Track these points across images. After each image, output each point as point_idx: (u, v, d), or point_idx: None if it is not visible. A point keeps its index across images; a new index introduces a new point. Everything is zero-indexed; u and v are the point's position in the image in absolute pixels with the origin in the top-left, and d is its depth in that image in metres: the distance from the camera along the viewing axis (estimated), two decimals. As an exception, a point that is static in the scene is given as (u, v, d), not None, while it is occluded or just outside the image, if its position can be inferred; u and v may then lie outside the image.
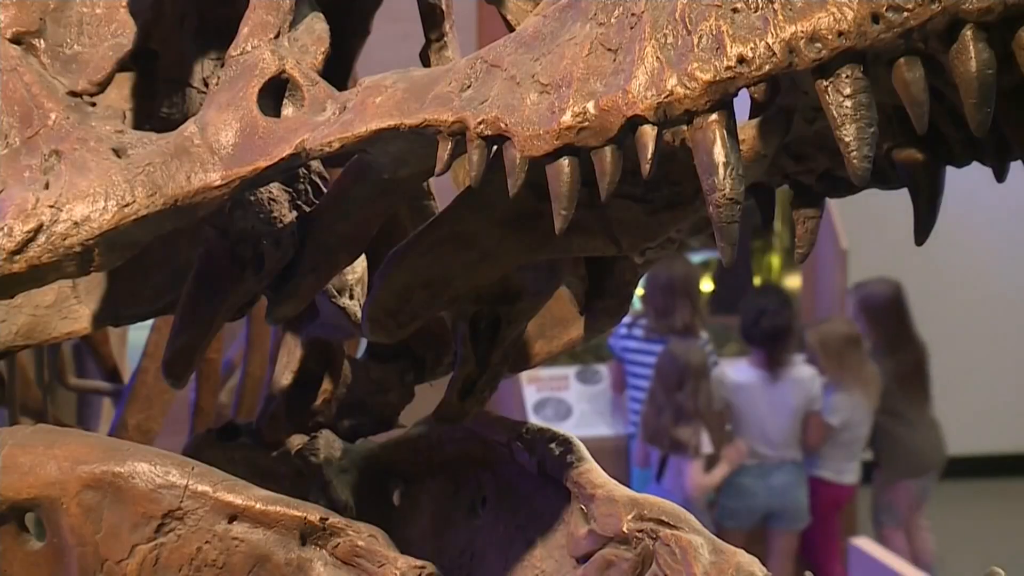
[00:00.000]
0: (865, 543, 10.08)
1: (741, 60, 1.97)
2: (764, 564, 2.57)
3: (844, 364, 10.84)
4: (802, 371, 11.01)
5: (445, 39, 2.84)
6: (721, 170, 2.00)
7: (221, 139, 2.38)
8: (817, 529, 10.99)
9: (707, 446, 10.44)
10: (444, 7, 2.85)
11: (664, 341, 10.99)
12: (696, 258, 12.11)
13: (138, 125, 2.57)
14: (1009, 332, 12.27)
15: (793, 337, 10.79)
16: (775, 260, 11.55)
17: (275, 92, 2.40)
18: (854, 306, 11.43)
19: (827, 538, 11.07)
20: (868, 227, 11.38)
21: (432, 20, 2.84)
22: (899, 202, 2.36)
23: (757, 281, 12.63)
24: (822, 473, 11.01)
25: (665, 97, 2.02)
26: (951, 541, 11.89)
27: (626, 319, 6.04)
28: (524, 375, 10.82)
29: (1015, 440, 13.02)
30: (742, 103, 2.14)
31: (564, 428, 2.93)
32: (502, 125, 2.15)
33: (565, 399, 12.19)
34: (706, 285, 11.39)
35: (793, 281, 11.75)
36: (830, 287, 11.72)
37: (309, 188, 2.69)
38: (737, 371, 10.88)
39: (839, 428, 10.97)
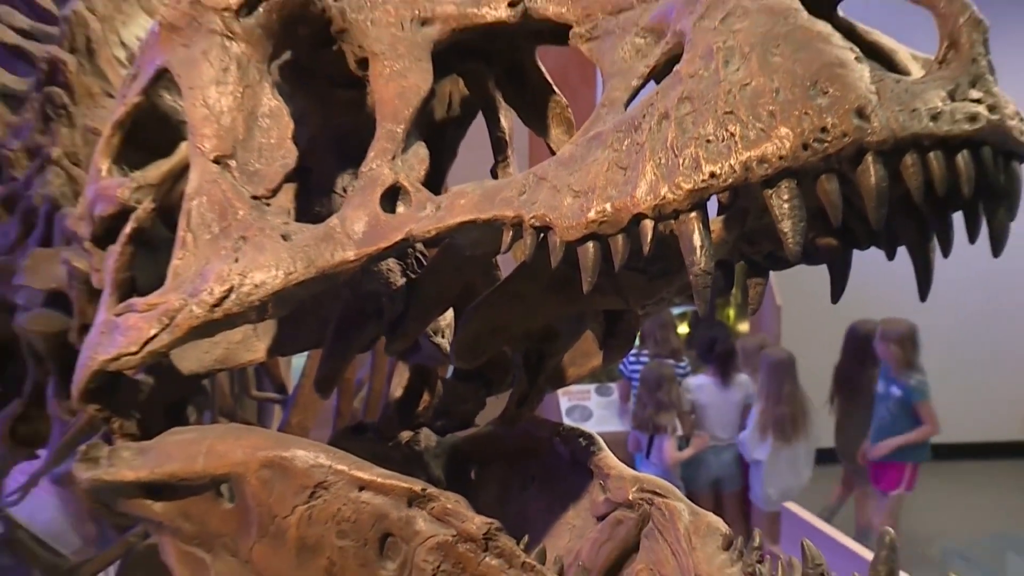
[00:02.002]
0: (796, 507, 10.39)
1: (712, 175, 2.22)
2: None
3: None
4: (741, 378, 12.22)
5: (508, 160, 3.08)
6: (698, 251, 2.25)
7: (355, 228, 2.62)
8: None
9: (679, 429, 11.82)
10: (507, 139, 3.06)
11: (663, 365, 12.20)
12: (677, 310, 13.08)
13: (299, 218, 2.78)
14: (928, 354, 12.30)
15: (736, 357, 11.96)
16: (731, 312, 12.25)
17: (392, 196, 2.62)
18: (763, 365, 11.90)
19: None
20: (796, 290, 11.60)
21: (499, 147, 3.07)
22: (819, 272, 2.55)
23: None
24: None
25: (660, 201, 2.26)
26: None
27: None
28: (560, 390, 11.47)
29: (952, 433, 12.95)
30: (712, 204, 2.30)
31: (587, 427, 3.18)
32: (547, 219, 2.38)
33: (588, 406, 13.07)
34: (683, 329, 12.37)
35: (743, 327, 12.41)
36: (768, 331, 12.29)
37: (415, 262, 2.93)
38: (698, 381, 12.19)
39: None
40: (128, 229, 3.02)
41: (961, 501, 12.45)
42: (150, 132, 3.12)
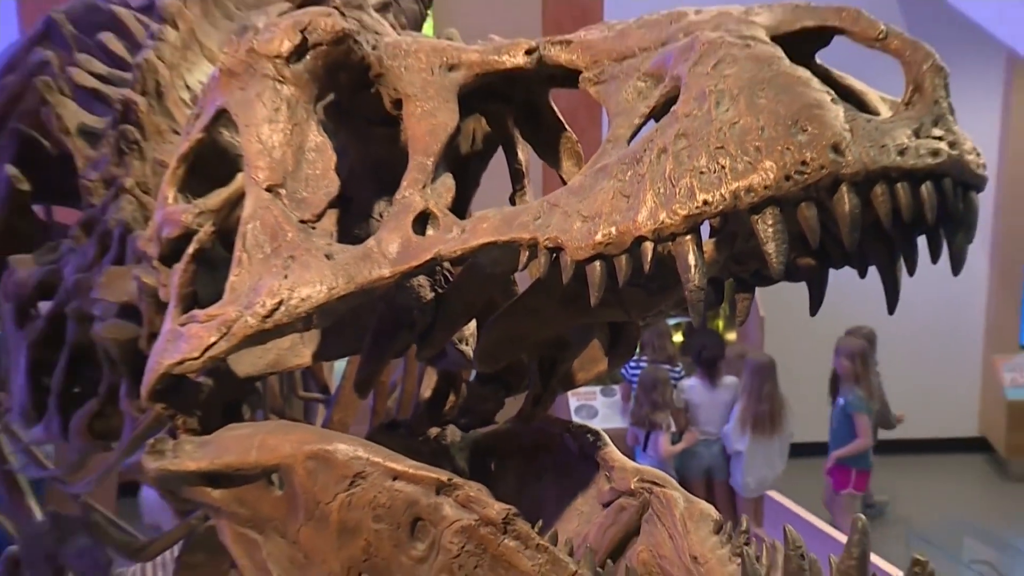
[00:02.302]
0: (777, 495, 10.42)
1: (705, 203, 2.24)
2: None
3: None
4: (729, 380, 12.21)
5: (524, 189, 3.10)
6: (693, 269, 2.27)
7: (390, 249, 2.64)
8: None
9: (672, 426, 11.95)
10: (524, 170, 3.09)
11: (658, 369, 12.33)
12: (672, 321, 13.07)
13: (340, 240, 2.79)
14: (891, 356, 12.32)
15: (723, 362, 12.01)
16: (721, 323, 12.28)
17: (422, 221, 2.64)
18: (747, 367, 11.96)
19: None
20: (778, 303, 11.63)
21: (516, 177, 3.11)
22: (798, 288, 2.58)
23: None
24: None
25: (659, 225, 2.28)
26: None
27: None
28: (569, 392, 11.53)
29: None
30: (705, 228, 2.35)
31: (593, 424, 3.18)
32: (559, 241, 2.40)
33: (594, 405, 13.20)
34: (678, 337, 12.41)
35: (731, 336, 12.44)
36: (752, 340, 12.30)
37: (442, 278, 2.94)
38: (690, 383, 12.23)
39: None
40: (191, 249, 3.03)
41: (922, 491, 12.43)
42: (211, 164, 3.14)
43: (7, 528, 5.84)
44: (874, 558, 2.53)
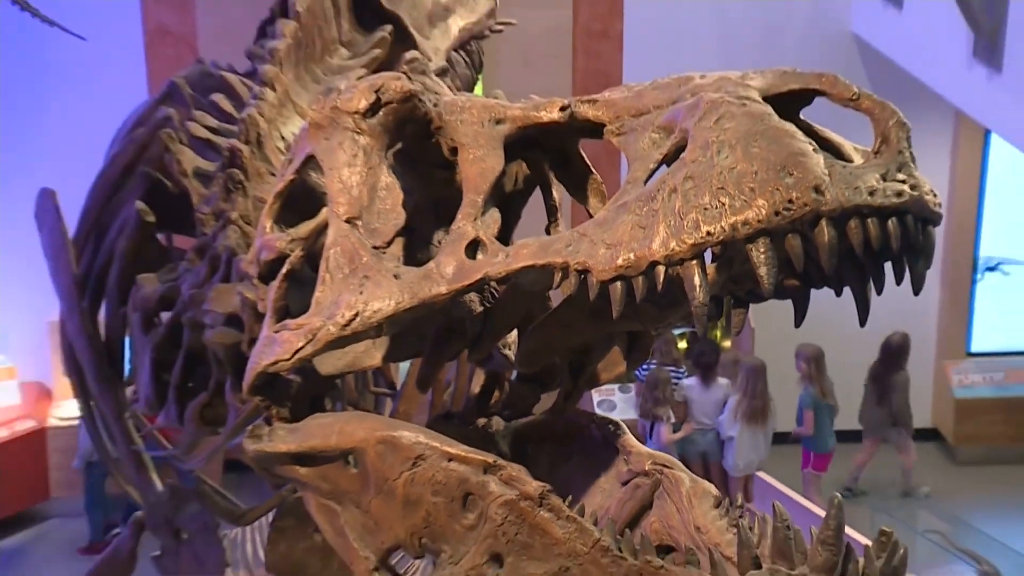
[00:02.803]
0: (765, 475, 10.39)
1: (709, 233, 2.26)
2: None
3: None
4: (722, 381, 12.05)
5: (557, 221, 3.10)
6: (698, 289, 2.30)
7: (446, 270, 2.64)
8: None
9: (672, 418, 11.84)
10: (557, 206, 3.10)
11: (665, 369, 12.20)
12: (678, 331, 12.94)
13: (405, 263, 2.80)
14: (856, 359, 12.24)
15: (715, 366, 11.94)
16: (719, 333, 12.21)
17: (473, 247, 2.64)
18: (741, 369, 11.90)
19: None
20: (767, 317, 11.54)
21: (551, 212, 3.10)
22: (784, 304, 2.58)
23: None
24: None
25: (670, 252, 2.30)
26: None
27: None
28: (593, 389, 11.58)
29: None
30: (708, 254, 2.35)
31: (612, 415, 3.22)
32: (587, 265, 2.41)
33: (613, 400, 12.96)
34: (682, 344, 12.37)
35: (727, 344, 12.35)
36: (744, 348, 12.24)
37: (489, 295, 2.92)
38: (689, 382, 12.03)
39: None
40: (284, 270, 3.04)
41: (885, 472, 12.35)
42: (301, 200, 3.15)
43: (134, 497, 5.86)
44: (847, 529, 2.51)
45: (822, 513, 2.48)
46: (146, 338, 4.61)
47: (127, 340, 5.03)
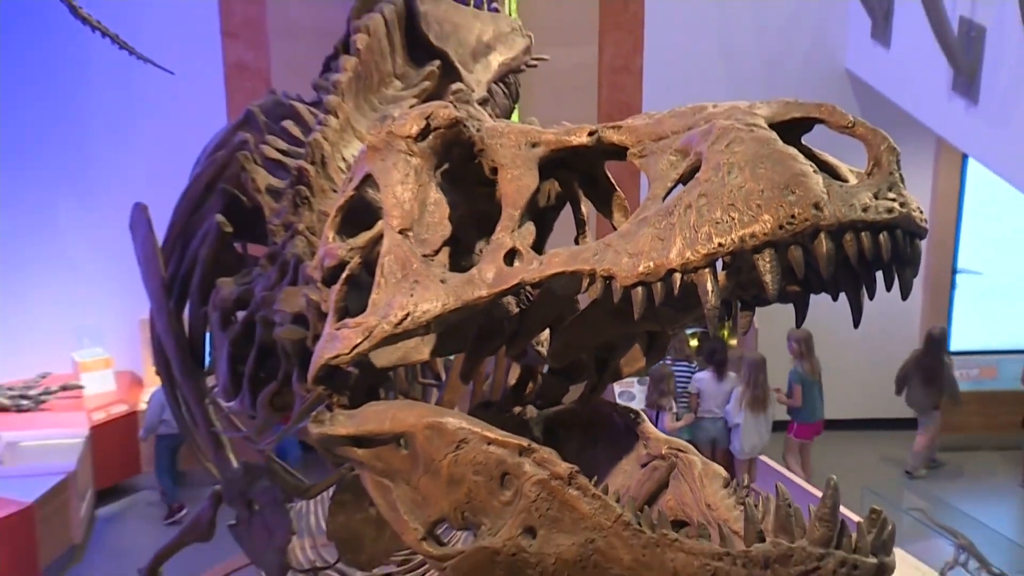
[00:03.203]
0: (767, 459, 10.32)
1: (720, 245, 2.26)
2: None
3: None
4: (731, 375, 11.88)
5: (585, 233, 3.11)
6: (710, 293, 2.29)
7: (487, 276, 2.65)
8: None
9: (674, 407, 11.75)
10: (585, 220, 3.10)
11: (678, 364, 12.16)
12: (690, 330, 12.76)
13: (451, 270, 2.81)
14: (848, 355, 12.11)
15: (727, 362, 11.71)
16: (726, 332, 12.01)
17: (511, 256, 2.64)
18: (744, 363, 11.76)
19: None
20: (769, 318, 11.43)
21: (579, 225, 3.11)
22: (785, 307, 2.55)
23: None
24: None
25: (685, 261, 2.30)
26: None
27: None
28: (615, 382, 11.47)
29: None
30: (718, 263, 2.33)
31: (632, 405, 3.21)
32: (611, 272, 2.41)
33: (632, 391, 12.68)
34: (694, 342, 12.18)
35: (733, 342, 12.17)
36: (748, 345, 12.07)
37: (525, 298, 2.89)
38: (702, 375, 11.82)
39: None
40: (344, 275, 3.04)
41: (874, 456, 12.28)
42: (359, 214, 3.15)
43: (213, 473, 5.88)
44: (841, 508, 2.49)
45: (819, 493, 2.45)
46: (224, 334, 4.61)
47: (207, 336, 5.04)
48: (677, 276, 2.35)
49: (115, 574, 9.69)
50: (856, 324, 2.47)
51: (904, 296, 2.47)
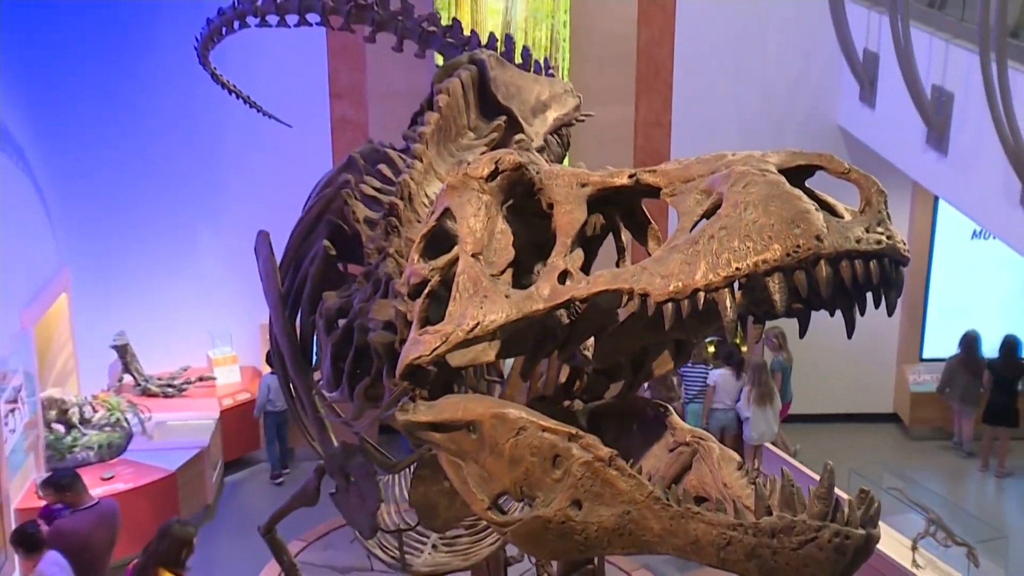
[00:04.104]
0: (772, 447, 10.12)
1: (737, 268, 2.26)
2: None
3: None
4: (744, 375, 11.18)
5: (625, 257, 3.02)
6: (728, 309, 2.29)
7: (544, 292, 2.64)
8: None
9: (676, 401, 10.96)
10: (625, 247, 3.04)
11: (696, 367, 11.36)
12: (708, 339, 12.35)
13: (514, 287, 2.78)
14: (835, 362, 11.87)
15: (744, 364, 11.04)
16: (739, 340, 11.54)
17: (563, 276, 2.62)
18: (750, 367, 11.36)
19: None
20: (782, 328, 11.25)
21: (620, 251, 3.05)
22: (791, 321, 2.45)
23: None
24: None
25: (708, 282, 2.30)
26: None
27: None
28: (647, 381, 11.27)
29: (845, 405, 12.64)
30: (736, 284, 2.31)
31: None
32: (646, 290, 2.40)
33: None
34: (711, 348, 11.62)
35: (744, 349, 11.74)
36: (755, 352, 11.65)
37: (574, 311, 2.84)
38: (719, 372, 11.09)
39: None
40: (426, 290, 3.02)
41: (858, 444, 12.08)
42: (439, 240, 3.12)
43: (317, 450, 5.90)
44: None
45: (816, 476, 2.41)
46: (328, 337, 4.64)
47: (315, 338, 5.06)
48: (701, 295, 2.33)
49: (240, 529, 9.75)
50: (849, 335, 2.42)
51: (889, 313, 2.43)
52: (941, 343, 12.40)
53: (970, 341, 11.84)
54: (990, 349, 11.83)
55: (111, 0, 10.61)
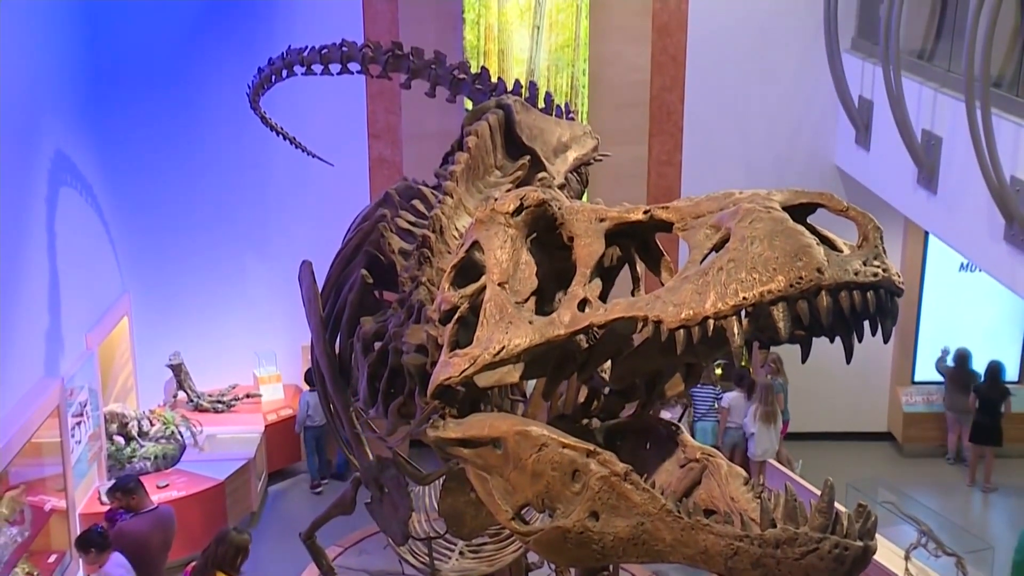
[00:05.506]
0: (775, 463, 9.97)
1: (744, 299, 2.25)
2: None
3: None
4: (753, 396, 10.98)
5: (640, 287, 3.01)
6: (736, 335, 2.28)
7: (564, 319, 2.62)
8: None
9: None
10: (640, 277, 3.02)
11: (705, 388, 11.03)
12: (716, 362, 12.15)
13: (537, 313, 2.78)
14: (833, 385, 11.72)
15: (755, 386, 10.75)
16: (745, 362, 11.37)
17: (582, 304, 2.61)
18: (758, 388, 11.16)
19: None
20: (780, 354, 11.11)
21: (635, 281, 3.03)
22: (791, 347, 2.45)
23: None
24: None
25: (717, 310, 2.28)
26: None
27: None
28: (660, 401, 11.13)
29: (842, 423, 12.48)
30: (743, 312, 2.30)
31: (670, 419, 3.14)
32: (659, 317, 2.39)
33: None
34: (718, 371, 11.34)
35: (752, 371, 11.53)
36: (760, 375, 11.45)
37: (592, 336, 2.79)
38: (731, 395, 10.84)
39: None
40: (456, 316, 3.01)
41: (854, 461, 11.95)
42: (468, 270, 3.11)
43: (354, 463, 5.90)
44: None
45: (817, 491, 2.39)
46: (364, 359, 4.64)
47: (352, 360, 5.06)
48: (711, 322, 2.31)
49: (282, 535, 9.72)
50: (848, 361, 2.42)
51: (885, 340, 2.40)
52: (931, 367, 12.28)
53: (962, 358, 11.77)
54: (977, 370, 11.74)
55: (172, 50, 10.74)
